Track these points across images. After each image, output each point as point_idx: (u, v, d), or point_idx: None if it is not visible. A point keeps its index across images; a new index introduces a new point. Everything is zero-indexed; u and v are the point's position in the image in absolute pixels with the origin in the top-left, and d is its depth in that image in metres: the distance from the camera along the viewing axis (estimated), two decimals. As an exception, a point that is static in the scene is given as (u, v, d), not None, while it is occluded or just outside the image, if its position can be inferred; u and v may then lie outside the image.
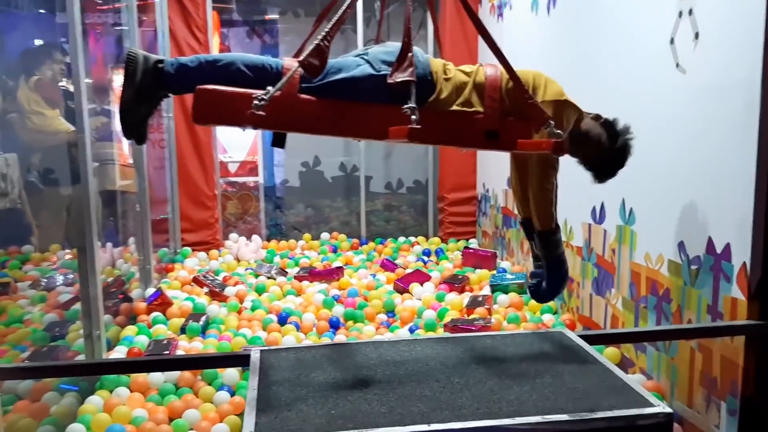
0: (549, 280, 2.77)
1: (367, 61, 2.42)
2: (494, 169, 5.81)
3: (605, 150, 2.76)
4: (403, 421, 1.69)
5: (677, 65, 2.95)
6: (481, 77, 2.50)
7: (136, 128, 2.39)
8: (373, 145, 6.95)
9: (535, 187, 2.71)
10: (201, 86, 2.25)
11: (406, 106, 2.11)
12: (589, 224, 3.91)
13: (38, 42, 4.24)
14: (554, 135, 2.25)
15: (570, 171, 4.11)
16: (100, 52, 5.55)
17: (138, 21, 5.10)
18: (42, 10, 4.53)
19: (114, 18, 5.28)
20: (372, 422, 1.69)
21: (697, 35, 2.80)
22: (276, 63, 2.37)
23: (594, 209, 3.83)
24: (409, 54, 2.21)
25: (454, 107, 2.43)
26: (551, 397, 1.83)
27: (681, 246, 2.96)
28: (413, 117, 2.08)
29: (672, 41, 2.98)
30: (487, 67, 2.56)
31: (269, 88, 2.08)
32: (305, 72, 2.21)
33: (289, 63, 2.32)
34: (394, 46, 2.41)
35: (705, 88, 2.77)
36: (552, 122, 2.29)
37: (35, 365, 2.49)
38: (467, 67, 2.59)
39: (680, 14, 2.91)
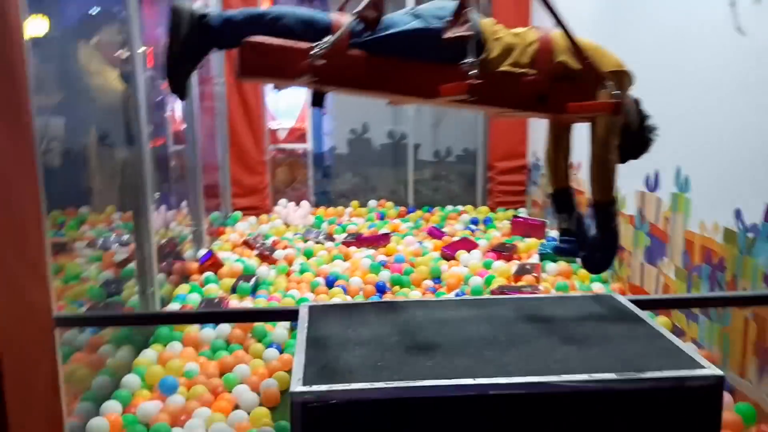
0: (605, 250, 2.60)
1: (420, 17, 2.35)
2: (545, 138, 5.71)
3: (634, 133, 2.67)
4: (449, 375, 1.70)
5: (737, 28, 2.84)
6: (533, 38, 2.42)
7: (180, 83, 2.38)
8: (422, 113, 6.91)
9: (598, 155, 2.56)
10: (249, 38, 2.20)
11: (465, 60, 2.06)
12: (643, 192, 3.83)
13: (98, 6, 4.33)
14: (612, 96, 2.18)
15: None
16: (154, 16, 5.62)
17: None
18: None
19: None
20: (418, 374, 1.70)
21: (761, -6, 2.69)
22: (324, 18, 2.32)
23: (648, 177, 3.74)
24: (466, 9, 2.15)
25: (504, 68, 2.34)
26: (599, 357, 1.81)
27: (737, 213, 2.88)
28: (472, 72, 2.04)
29: (732, 3, 2.87)
30: (540, 30, 2.48)
31: (326, 38, 2.05)
32: (362, 23, 2.19)
33: (337, 18, 2.26)
34: (447, 3, 2.34)
35: (766, 52, 2.66)
36: (611, 83, 2.22)
37: (95, 314, 2.58)
38: (518, 30, 2.50)
39: (745, -28, 2.80)
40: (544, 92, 2.37)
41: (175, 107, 5.47)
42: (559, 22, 2.22)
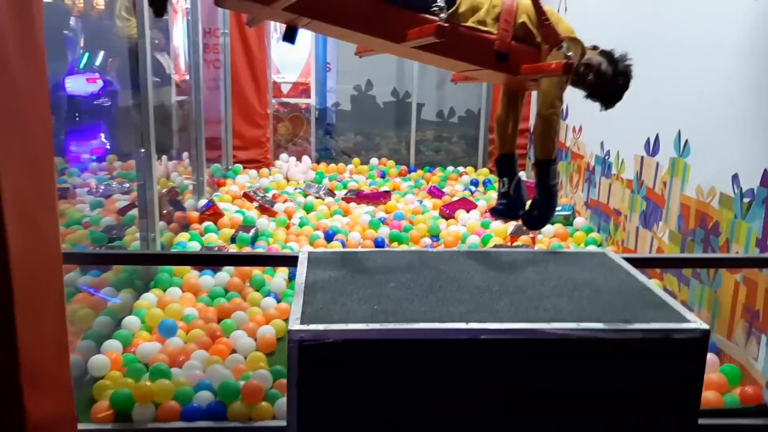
0: (542, 208, 2.79)
1: None
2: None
3: (608, 76, 2.77)
4: (443, 319, 1.75)
5: (748, -9, 2.83)
6: (497, 1, 2.60)
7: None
8: (427, 73, 6.87)
9: (543, 114, 2.68)
10: None
11: (436, 3, 2.28)
12: (642, 156, 3.85)
13: None
14: (565, 57, 2.39)
15: (624, 105, 4.04)
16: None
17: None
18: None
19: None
20: (413, 318, 1.76)
21: (772, -42, 2.68)
22: None
23: (648, 141, 3.76)
24: None
25: (470, 23, 2.54)
26: (588, 308, 1.86)
27: (735, 178, 2.90)
28: (441, 15, 2.26)
29: (745, -35, 2.86)
30: None
31: None
32: None
33: None
34: None
35: (766, 16, 2.66)
36: (564, 44, 2.45)
37: (99, 252, 2.63)
38: None
39: (757, -65, 2.78)
40: (505, 51, 2.56)
41: (179, 56, 5.46)
42: None
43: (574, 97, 4.85)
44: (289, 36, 2.59)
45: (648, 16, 3.81)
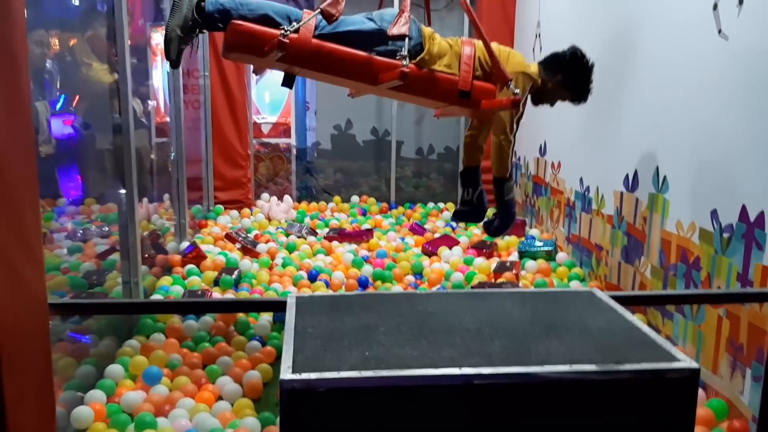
0: (501, 219, 3.42)
1: (372, 20, 3.02)
2: (526, 138, 5.80)
3: (565, 80, 3.40)
4: (435, 365, 1.74)
5: (719, 31, 2.92)
6: (458, 48, 3.13)
7: (175, 52, 2.92)
8: (405, 111, 6.96)
9: (498, 139, 3.24)
10: (235, 21, 2.77)
11: (400, 53, 2.81)
12: (621, 192, 3.91)
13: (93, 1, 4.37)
14: (513, 93, 2.92)
15: (602, 142, 4.12)
16: (139, 11, 5.61)
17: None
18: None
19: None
20: (405, 364, 1.75)
21: (741, 1, 2.77)
22: (297, 13, 2.92)
23: (627, 177, 3.83)
24: (405, 14, 2.88)
25: (436, 67, 3.06)
26: (579, 349, 1.86)
27: (714, 214, 2.96)
28: (404, 62, 2.78)
29: (715, 7, 2.95)
30: (466, 41, 3.17)
31: (294, 23, 2.75)
32: (323, 17, 2.81)
33: (307, 13, 2.88)
34: (394, 11, 3.04)
35: (747, 55, 2.74)
36: (511, 82, 2.98)
37: (87, 302, 2.58)
38: (451, 39, 3.20)
39: (725, -21, 2.88)
40: (467, 89, 3.07)
41: (158, 99, 5.47)
42: (479, 31, 2.99)
43: (552, 133, 4.98)
44: (288, 82, 3.07)
45: (624, 54, 3.90)
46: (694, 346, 3.09)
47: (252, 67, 3.34)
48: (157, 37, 5.90)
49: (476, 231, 5.78)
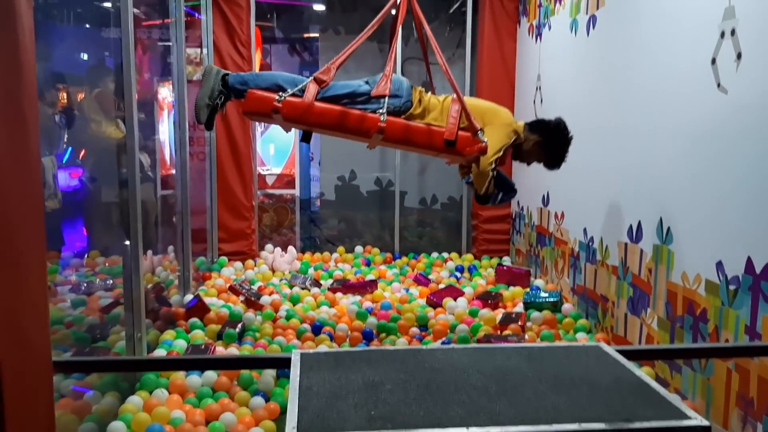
0: (482, 200, 3.91)
1: (368, 83, 3.59)
2: (529, 188, 5.83)
3: (544, 145, 3.88)
4: (442, 424, 1.72)
5: (719, 85, 2.96)
6: (447, 104, 3.67)
7: (207, 118, 3.57)
8: (408, 161, 7.03)
9: (480, 169, 3.70)
10: (251, 90, 3.49)
11: (380, 110, 3.47)
12: (626, 243, 3.91)
13: (101, 56, 4.48)
14: (482, 141, 3.57)
15: (604, 192, 4.14)
16: (146, 65, 5.72)
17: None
18: (97, 26, 4.74)
19: (161, 34, 5.45)
20: (411, 424, 1.73)
21: (739, 56, 2.82)
22: (302, 80, 3.54)
23: (630, 228, 3.83)
24: (386, 77, 3.51)
25: (426, 120, 3.63)
26: (588, 406, 1.84)
27: (719, 265, 2.95)
28: (382, 118, 3.46)
29: (713, 61, 3.00)
30: (454, 98, 3.64)
31: (288, 90, 3.46)
32: (316, 83, 3.48)
33: (310, 79, 3.51)
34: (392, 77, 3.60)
35: (747, 108, 2.78)
36: (480, 131, 3.58)
37: (88, 360, 2.57)
38: (441, 96, 3.76)
39: (722, 35, 2.93)
40: (452, 139, 3.62)
41: (165, 151, 5.54)
42: (454, 87, 3.55)
43: (555, 183, 5.00)
44: (306, 138, 3.81)
45: (625, 106, 3.95)
46: (703, 400, 3.04)
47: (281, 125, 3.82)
48: (164, 92, 6.01)
49: (481, 281, 5.76)
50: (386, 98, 3.47)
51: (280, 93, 3.43)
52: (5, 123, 1.47)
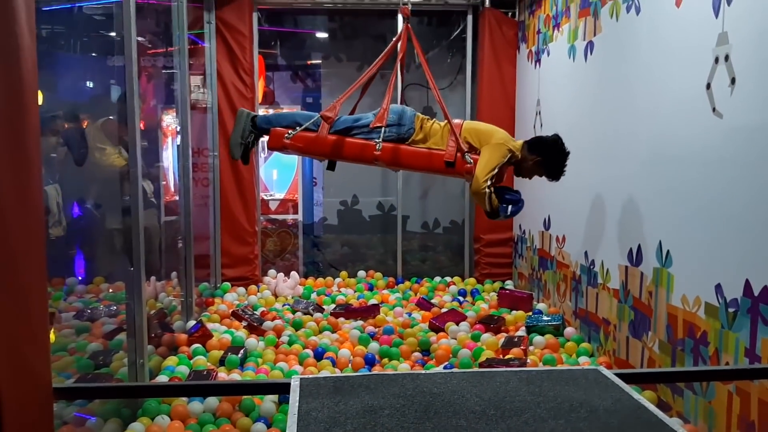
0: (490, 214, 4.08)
1: (375, 115, 4.03)
2: (531, 212, 5.85)
3: (543, 160, 4.08)
4: (440, 449, 1.73)
5: (714, 110, 3.00)
6: (447, 129, 4.03)
7: (242, 154, 4.17)
8: (411, 185, 7.07)
9: (473, 190, 3.98)
10: (274, 128, 4.07)
11: (376, 140, 3.96)
12: (626, 266, 3.92)
13: (108, 85, 4.56)
14: (468, 162, 3.95)
15: (604, 215, 4.16)
16: (151, 93, 5.80)
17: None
18: (101, 54, 4.82)
19: (165, 61, 5.53)
20: (409, 449, 1.73)
21: (733, 80, 2.85)
22: (314, 115, 4.08)
23: (631, 251, 3.84)
24: (384, 110, 3.97)
25: (428, 145, 4.05)
26: (586, 431, 1.85)
27: (718, 288, 2.96)
28: (378, 146, 3.95)
29: (708, 86, 3.04)
30: (455, 124, 4.02)
31: (297, 128, 4.03)
32: (322, 119, 3.99)
33: (329, 112, 4.02)
34: (396, 107, 4.11)
35: (742, 132, 2.81)
36: (467, 152, 3.96)
37: (92, 386, 2.58)
38: (441, 122, 4.12)
39: (716, 60, 2.97)
40: (452, 160, 3.99)
41: (168, 177, 5.59)
42: (446, 117, 3.99)
43: (556, 207, 5.02)
44: (330, 166, 4.39)
45: (622, 130, 3.99)
46: (706, 424, 3.03)
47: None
48: (168, 119, 6.08)
49: (483, 305, 5.76)
50: (383, 129, 3.94)
51: (290, 131, 3.99)
52: (8, 155, 1.51)
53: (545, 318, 4.92)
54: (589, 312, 4.55)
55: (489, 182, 3.91)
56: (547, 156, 4.08)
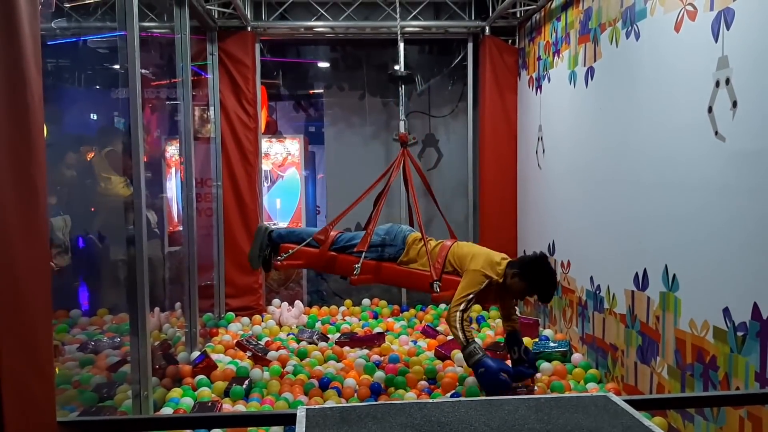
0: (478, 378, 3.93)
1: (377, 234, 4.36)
2: (535, 240, 5.85)
3: (527, 284, 3.95)
4: (448, 479, 1.70)
5: (716, 133, 3.00)
6: (435, 250, 4.20)
7: (262, 265, 4.61)
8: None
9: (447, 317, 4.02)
10: (283, 243, 4.50)
11: (356, 266, 4.18)
12: (632, 291, 3.89)
13: (112, 117, 4.61)
14: (435, 291, 4.07)
15: (610, 240, 4.15)
16: (155, 124, 5.85)
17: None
18: (105, 87, 4.87)
19: (169, 93, 5.59)
20: (417, 479, 1.71)
21: (735, 104, 2.87)
22: (317, 232, 4.51)
23: (637, 276, 3.82)
24: (369, 235, 4.29)
25: (414, 266, 4.23)
26: (596, 459, 1.82)
27: (726, 312, 2.94)
28: (356, 269, 4.17)
29: (710, 110, 3.05)
30: (445, 245, 4.22)
31: (290, 251, 4.46)
32: (315, 241, 4.43)
33: (321, 235, 4.51)
34: (382, 227, 4.49)
35: (745, 155, 2.81)
36: (436, 282, 4.03)
37: (91, 419, 2.55)
38: (434, 242, 4.32)
39: (717, 84, 2.99)
40: (438, 280, 4.07)
41: (172, 207, 5.60)
42: (428, 256, 4.13)
43: (561, 232, 5.00)
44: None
45: (625, 154, 4.00)
46: (718, 450, 2.99)
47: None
48: (171, 150, 6.12)
49: (489, 332, 5.72)
50: (364, 252, 4.21)
51: (282, 254, 4.43)
52: (15, 191, 1.52)
53: (552, 344, 4.89)
54: (596, 337, 4.52)
55: (461, 310, 3.87)
56: (531, 281, 3.93)
